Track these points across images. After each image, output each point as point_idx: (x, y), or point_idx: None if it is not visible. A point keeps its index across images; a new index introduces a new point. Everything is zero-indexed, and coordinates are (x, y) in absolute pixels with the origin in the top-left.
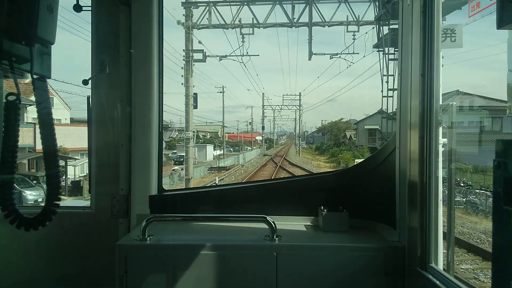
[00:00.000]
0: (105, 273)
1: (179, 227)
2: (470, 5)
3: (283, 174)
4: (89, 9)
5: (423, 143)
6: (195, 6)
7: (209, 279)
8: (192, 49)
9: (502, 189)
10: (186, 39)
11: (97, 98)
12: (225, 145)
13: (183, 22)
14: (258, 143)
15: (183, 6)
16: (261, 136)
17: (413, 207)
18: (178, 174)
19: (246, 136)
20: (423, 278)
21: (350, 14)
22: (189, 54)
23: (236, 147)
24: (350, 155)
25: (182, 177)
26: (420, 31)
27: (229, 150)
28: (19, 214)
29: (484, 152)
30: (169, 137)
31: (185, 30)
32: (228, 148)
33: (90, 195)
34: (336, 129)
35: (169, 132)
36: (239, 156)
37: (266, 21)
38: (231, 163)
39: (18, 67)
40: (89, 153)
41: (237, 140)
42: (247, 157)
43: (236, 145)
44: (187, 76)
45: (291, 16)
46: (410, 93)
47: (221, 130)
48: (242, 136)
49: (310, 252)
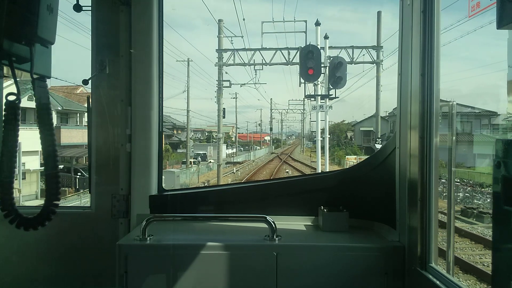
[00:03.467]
0: (105, 273)
1: (179, 227)
2: (470, 5)
3: (285, 166)
4: (89, 9)
5: (423, 143)
6: (224, 51)
7: (209, 279)
8: (222, 79)
9: (502, 189)
10: (218, 72)
11: (97, 98)
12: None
13: (216, 62)
14: (267, 143)
15: (217, 51)
16: (269, 137)
17: (413, 207)
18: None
19: (256, 136)
20: (423, 278)
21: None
22: (221, 83)
23: (246, 147)
24: (343, 152)
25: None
26: (420, 31)
27: (239, 150)
28: (18, 214)
29: (458, 149)
30: (186, 137)
31: (218, 68)
32: (238, 148)
33: (90, 195)
34: (338, 130)
35: (185, 133)
36: (249, 153)
37: (271, 61)
38: (243, 159)
39: (18, 67)
40: (89, 153)
41: (247, 140)
42: (257, 155)
43: (246, 145)
44: (219, 97)
45: (287, 58)
46: (410, 93)
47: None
48: (252, 137)
49: (310, 252)
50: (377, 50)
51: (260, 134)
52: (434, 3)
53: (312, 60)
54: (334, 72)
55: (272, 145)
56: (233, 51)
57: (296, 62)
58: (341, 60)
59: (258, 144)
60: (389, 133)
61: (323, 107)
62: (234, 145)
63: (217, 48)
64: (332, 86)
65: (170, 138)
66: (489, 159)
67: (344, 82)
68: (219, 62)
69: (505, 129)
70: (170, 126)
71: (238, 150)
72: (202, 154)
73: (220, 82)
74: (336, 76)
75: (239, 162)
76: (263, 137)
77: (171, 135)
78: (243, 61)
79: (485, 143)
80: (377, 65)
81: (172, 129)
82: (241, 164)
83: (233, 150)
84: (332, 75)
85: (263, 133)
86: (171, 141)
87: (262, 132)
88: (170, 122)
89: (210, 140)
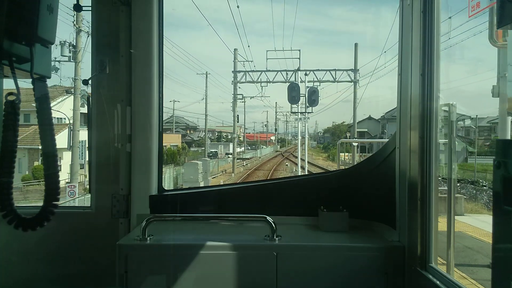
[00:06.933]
0: (105, 273)
1: (179, 227)
2: (470, 5)
3: (285, 161)
4: (89, 9)
5: (423, 143)
6: (238, 72)
7: (209, 279)
8: (236, 93)
9: (502, 189)
10: (234, 88)
11: (97, 98)
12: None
13: (232, 80)
14: (273, 142)
15: (232, 72)
16: (274, 136)
17: (413, 207)
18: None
19: (262, 136)
20: (423, 278)
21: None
22: (236, 96)
23: (253, 146)
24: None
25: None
26: (420, 31)
27: (247, 148)
28: (17, 214)
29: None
30: (198, 137)
31: (233, 85)
32: (246, 147)
33: (90, 195)
34: (339, 131)
35: (197, 132)
36: (256, 151)
37: (274, 79)
38: (251, 156)
39: (18, 67)
40: (89, 153)
41: (254, 140)
42: (263, 152)
43: (253, 144)
44: (234, 107)
45: (285, 77)
46: (410, 93)
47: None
48: (258, 136)
49: (310, 252)
50: (354, 72)
51: (266, 134)
52: (434, 3)
53: (294, 91)
54: (310, 96)
55: (277, 144)
56: (244, 72)
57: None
58: (315, 89)
59: (264, 144)
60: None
61: (302, 119)
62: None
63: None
64: (309, 105)
65: (184, 137)
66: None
67: (317, 103)
68: (234, 80)
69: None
70: (183, 126)
71: (246, 149)
72: (214, 152)
73: (235, 95)
74: (312, 99)
75: (248, 158)
76: (269, 137)
77: (185, 134)
78: (252, 79)
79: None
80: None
81: (185, 129)
82: (249, 160)
83: (242, 149)
84: (309, 99)
85: (269, 133)
86: (186, 140)
87: (268, 132)
88: (184, 122)
89: (221, 140)
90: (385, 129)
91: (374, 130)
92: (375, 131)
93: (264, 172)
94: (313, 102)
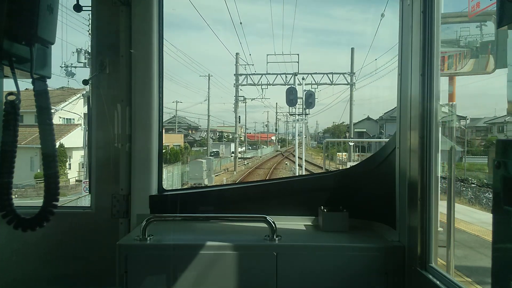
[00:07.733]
0: (105, 273)
1: (179, 227)
2: (470, 5)
3: (285, 160)
4: (89, 9)
5: (423, 143)
6: (240, 75)
7: (209, 279)
8: (238, 95)
9: (502, 189)
10: (236, 90)
11: (97, 98)
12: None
13: (234, 82)
14: (273, 142)
15: (234, 75)
16: (275, 136)
17: (413, 207)
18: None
19: (263, 136)
20: (423, 278)
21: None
22: (237, 98)
23: (254, 146)
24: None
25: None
26: (420, 31)
27: (248, 148)
28: (16, 214)
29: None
30: (200, 137)
31: (235, 87)
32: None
33: (90, 195)
34: (338, 131)
35: (199, 132)
36: (257, 151)
37: (273, 82)
38: (252, 155)
39: (18, 67)
40: (89, 153)
41: (255, 140)
42: (264, 152)
43: (254, 144)
44: (236, 108)
45: (285, 80)
46: (410, 93)
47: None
48: (259, 136)
49: (310, 252)
50: (350, 75)
51: (267, 134)
52: (434, 3)
53: (292, 95)
54: (307, 99)
55: (278, 144)
56: (246, 76)
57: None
58: (312, 92)
59: (265, 144)
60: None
61: (299, 120)
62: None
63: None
64: (306, 107)
65: (186, 137)
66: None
67: (313, 105)
68: (236, 83)
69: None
70: (185, 126)
71: (247, 149)
72: (216, 152)
73: (237, 97)
74: (309, 102)
75: (249, 157)
76: (270, 137)
77: (187, 134)
78: (253, 81)
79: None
80: (351, 87)
81: (187, 129)
82: (250, 159)
83: (243, 148)
84: (306, 101)
85: (270, 133)
86: (188, 140)
87: (269, 132)
88: (186, 123)
89: (222, 140)
90: (382, 129)
91: (372, 130)
92: (373, 131)
93: (265, 171)
94: (309, 104)
